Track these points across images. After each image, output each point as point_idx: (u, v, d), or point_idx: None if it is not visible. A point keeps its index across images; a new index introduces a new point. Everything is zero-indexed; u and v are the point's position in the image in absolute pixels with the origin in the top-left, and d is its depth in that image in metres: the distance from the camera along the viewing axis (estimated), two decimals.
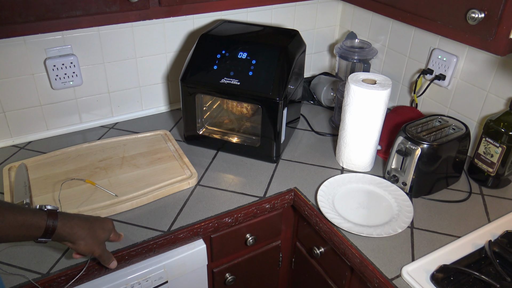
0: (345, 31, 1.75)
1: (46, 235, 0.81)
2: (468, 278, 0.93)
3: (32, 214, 0.79)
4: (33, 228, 0.79)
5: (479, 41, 0.95)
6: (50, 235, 0.81)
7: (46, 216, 0.80)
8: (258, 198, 1.18)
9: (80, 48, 1.34)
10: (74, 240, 0.86)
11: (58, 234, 0.82)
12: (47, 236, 0.81)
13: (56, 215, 0.82)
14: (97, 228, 0.90)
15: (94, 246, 0.89)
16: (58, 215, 0.82)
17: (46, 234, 0.81)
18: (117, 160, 1.28)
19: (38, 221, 0.79)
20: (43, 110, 1.37)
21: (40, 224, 0.79)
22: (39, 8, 0.98)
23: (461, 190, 1.23)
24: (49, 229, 0.80)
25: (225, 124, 1.46)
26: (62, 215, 0.84)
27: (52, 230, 0.81)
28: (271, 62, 1.23)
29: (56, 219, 0.81)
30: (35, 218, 0.79)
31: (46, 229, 0.80)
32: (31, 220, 0.78)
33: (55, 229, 0.81)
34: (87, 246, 0.87)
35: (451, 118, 1.25)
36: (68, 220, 0.84)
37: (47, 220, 0.80)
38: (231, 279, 1.28)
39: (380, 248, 1.02)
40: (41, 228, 0.79)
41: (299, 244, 1.35)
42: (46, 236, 0.81)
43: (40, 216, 0.80)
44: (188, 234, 1.08)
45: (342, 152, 1.29)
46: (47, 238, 0.81)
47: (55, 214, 0.82)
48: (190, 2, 1.18)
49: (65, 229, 0.83)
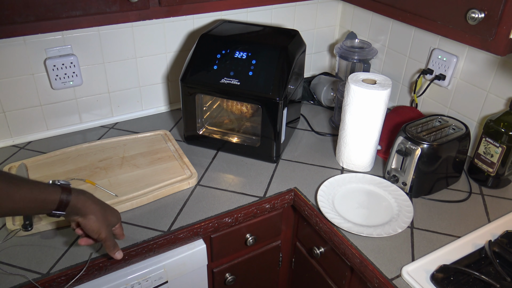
0: (345, 31, 1.76)
1: (59, 208, 0.82)
2: (468, 278, 0.93)
3: (46, 188, 0.81)
4: (48, 202, 0.80)
5: (479, 41, 0.95)
6: (64, 208, 0.83)
7: (60, 190, 0.82)
8: (258, 198, 1.18)
9: (80, 48, 1.34)
10: (86, 214, 0.86)
11: (71, 206, 0.84)
12: (60, 209, 0.82)
13: (70, 189, 0.84)
14: (108, 211, 0.92)
15: (103, 226, 0.89)
16: (72, 189, 0.85)
17: (59, 208, 0.82)
18: (117, 160, 1.28)
19: (52, 194, 0.81)
20: (43, 110, 1.37)
21: (54, 197, 0.81)
22: (39, 8, 0.98)
23: (461, 190, 1.23)
24: (63, 203, 0.82)
25: (225, 124, 1.46)
26: (75, 190, 0.86)
27: (66, 204, 0.82)
28: (271, 62, 1.23)
29: (70, 194, 0.83)
30: (49, 192, 0.80)
31: (60, 202, 0.82)
32: (45, 194, 0.80)
33: (69, 202, 0.83)
34: (97, 222, 0.88)
35: (451, 118, 1.25)
36: (81, 194, 0.86)
37: (61, 194, 0.82)
38: (231, 279, 1.28)
39: (380, 248, 1.02)
40: (55, 202, 0.81)
41: (299, 244, 1.35)
42: (60, 209, 0.82)
43: (54, 190, 0.81)
44: (188, 234, 1.08)
45: (342, 152, 1.29)
46: (61, 211, 0.83)
47: (68, 189, 0.84)
48: (190, 2, 1.18)
49: (78, 202, 0.84)
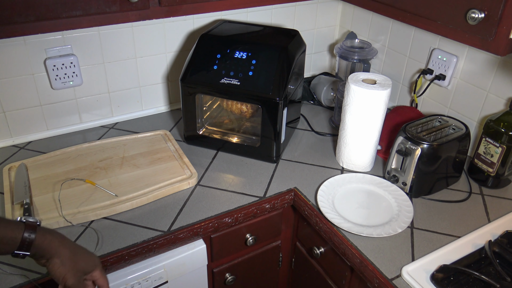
0: (345, 31, 1.75)
1: (22, 248, 0.74)
2: (468, 278, 0.93)
3: (6, 225, 0.73)
4: (8, 240, 0.73)
5: (479, 41, 0.95)
6: (27, 248, 0.74)
7: (23, 227, 0.74)
8: (258, 198, 1.18)
9: (80, 48, 1.34)
10: (51, 256, 0.78)
11: (36, 247, 0.75)
12: (23, 249, 0.74)
13: (35, 227, 0.76)
14: (80, 255, 0.82)
15: (69, 272, 0.79)
16: (37, 227, 0.76)
17: (22, 247, 0.74)
18: (117, 160, 1.28)
19: (14, 232, 0.73)
20: (43, 110, 1.37)
21: (16, 235, 0.73)
22: (39, 8, 0.98)
23: (461, 190, 1.23)
24: (26, 242, 0.74)
25: (225, 124, 1.46)
26: (42, 229, 0.77)
27: (29, 243, 0.74)
28: (271, 62, 1.23)
29: (34, 231, 0.75)
30: (10, 229, 0.73)
31: (22, 241, 0.74)
32: (5, 232, 0.72)
33: (33, 241, 0.74)
34: (62, 267, 0.78)
35: (451, 118, 1.25)
36: (48, 233, 0.78)
37: (24, 231, 0.74)
38: (231, 279, 1.28)
39: (380, 248, 1.02)
40: (17, 240, 0.73)
41: (299, 244, 1.35)
42: (22, 249, 0.74)
43: (16, 228, 0.74)
44: (188, 234, 1.08)
45: (342, 152, 1.29)
46: (24, 251, 0.75)
47: (33, 226, 0.75)
48: (190, 2, 1.18)
49: (44, 242, 0.76)
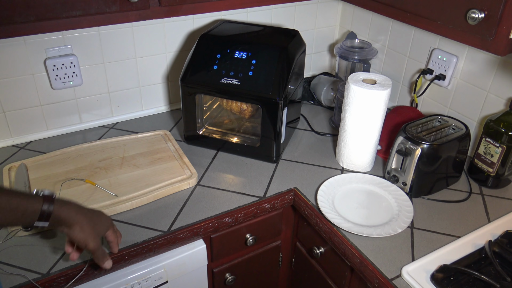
0: (345, 31, 1.76)
1: (41, 219, 0.79)
2: (468, 278, 0.93)
3: (27, 198, 0.78)
4: (29, 212, 0.77)
5: (479, 41, 0.95)
6: (46, 218, 0.79)
7: (41, 200, 0.79)
8: (258, 198, 1.18)
9: (80, 48, 1.34)
10: (71, 224, 0.83)
11: (55, 217, 0.80)
12: (43, 220, 0.79)
13: (52, 199, 0.80)
14: (96, 219, 0.88)
15: (90, 236, 0.85)
16: (54, 199, 0.81)
17: (41, 218, 0.79)
18: (117, 160, 1.28)
19: (33, 205, 0.78)
20: (43, 110, 1.37)
21: (36, 207, 0.78)
22: (39, 8, 0.98)
23: (461, 190, 1.23)
24: (45, 213, 0.79)
25: (225, 124, 1.46)
26: (59, 200, 0.82)
27: (48, 214, 0.79)
28: (271, 62, 1.23)
29: (52, 203, 0.80)
30: (30, 202, 0.77)
31: (41, 213, 0.78)
32: (26, 204, 0.77)
33: (51, 213, 0.79)
34: (83, 232, 0.84)
35: (451, 118, 1.25)
36: (65, 204, 0.83)
37: (43, 204, 0.78)
38: (231, 279, 1.28)
39: (380, 248, 1.02)
40: (36, 212, 0.78)
41: (299, 244, 1.35)
42: (42, 220, 0.79)
43: (35, 200, 0.78)
44: (188, 234, 1.08)
45: (342, 152, 1.29)
46: (44, 221, 0.79)
47: (51, 198, 0.80)
48: (190, 2, 1.18)
49: (62, 212, 0.81)
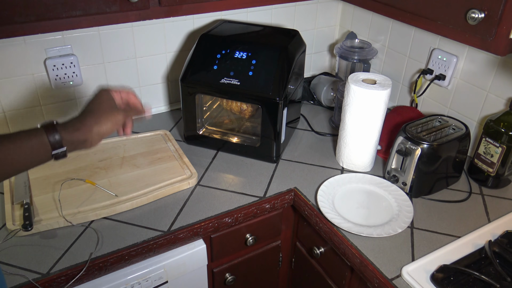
0: (345, 31, 1.76)
1: (56, 148, 0.76)
2: (468, 278, 0.93)
3: (28, 136, 0.74)
4: (39, 148, 0.74)
5: (479, 41, 0.95)
6: (60, 146, 0.76)
7: (44, 132, 0.75)
8: (258, 198, 1.18)
9: (80, 48, 1.34)
10: (90, 133, 0.80)
11: (68, 141, 0.77)
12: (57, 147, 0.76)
13: (54, 126, 0.76)
14: (94, 105, 0.84)
15: (110, 118, 0.83)
16: (56, 126, 0.77)
17: (55, 147, 0.75)
18: (117, 160, 1.28)
19: (39, 140, 0.74)
20: (43, 110, 1.37)
21: (43, 141, 0.74)
22: (39, 8, 0.98)
23: (461, 190, 1.23)
24: (55, 142, 0.75)
25: (225, 124, 1.46)
26: (60, 124, 0.78)
27: (59, 143, 0.76)
28: (271, 62, 1.23)
29: (56, 131, 0.76)
30: (34, 138, 0.74)
31: (51, 144, 0.75)
32: (31, 141, 0.74)
33: (61, 140, 0.76)
34: (104, 123, 0.82)
35: (451, 118, 1.25)
36: (66, 124, 0.79)
37: (47, 135, 0.75)
38: (231, 279, 1.28)
39: (380, 248, 1.02)
40: (46, 145, 0.75)
41: (299, 244, 1.35)
42: (57, 148, 0.76)
43: (38, 134, 0.74)
44: (188, 234, 1.08)
45: (342, 152, 1.29)
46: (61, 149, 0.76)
47: (52, 126, 0.76)
48: (190, 2, 1.18)
49: (71, 134, 0.78)
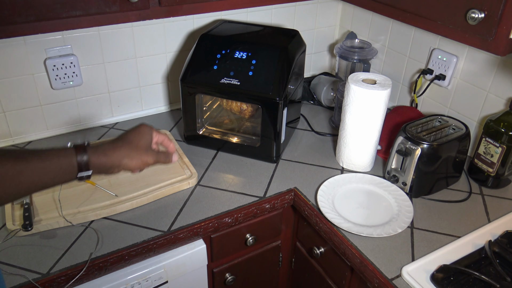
0: (345, 31, 1.75)
1: (82, 170, 0.77)
2: (468, 278, 0.93)
3: (57, 154, 0.75)
4: (65, 167, 0.75)
5: (479, 41, 0.95)
6: (86, 168, 0.77)
7: (74, 152, 0.76)
8: (258, 198, 1.18)
9: (80, 48, 1.34)
10: (118, 163, 0.81)
11: (95, 165, 0.78)
12: (84, 170, 0.77)
13: (85, 148, 0.78)
14: (134, 138, 0.85)
15: (143, 156, 0.84)
16: (87, 148, 0.78)
17: (81, 169, 0.77)
18: None
19: (66, 158, 0.75)
20: (43, 110, 1.37)
21: (70, 161, 0.76)
22: (39, 8, 0.98)
23: (461, 190, 1.23)
24: (82, 164, 0.77)
25: (225, 124, 1.46)
26: (92, 147, 0.79)
27: (86, 164, 0.77)
28: (271, 62, 1.23)
29: (85, 153, 0.77)
30: (63, 157, 0.75)
31: (78, 165, 0.76)
32: (58, 160, 0.75)
33: (88, 162, 0.77)
34: (135, 159, 0.83)
35: (451, 118, 1.25)
36: (98, 148, 0.80)
37: (77, 156, 0.76)
38: (231, 279, 1.28)
39: (380, 248, 1.02)
40: (73, 165, 0.76)
41: (299, 244, 1.35)
42: (83, 171, 0.77)
43: (67, 153, 0.76)
44: (188, 234, 1.08)
45: (342, 152, 1.29)
46: (86, 171, 0.77)
47: (83, 148, 0.78)
48: (190, 2, 1.18)
49: (99, 158, 0.79)
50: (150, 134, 0.88)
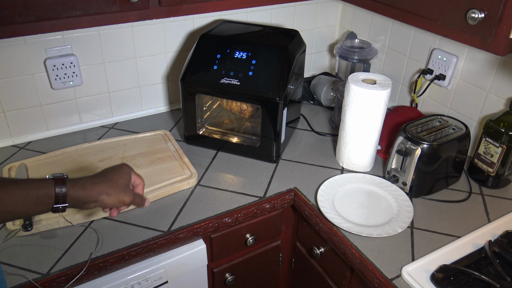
0: (345, 31, 1.76)
1: (59, 202, 0.78)
2: (468, 278, 0.93)
3: (36, 183, 0.76)
4: (42, 198, 0.76)
5: (479, 41, 0.95)
6: (63, 200, 0.78)
7: (52, 183, 0.77)
8: (258, 198, 1.18)
9: (80, 48, 1.34)
10: (95, 198, 0.82)
11: (72, 198, 0.79)
12: (60, 202, 0.78)
13: (64, 180, 0.79)
14: (113, 176, 0.86)
15: (120, 195, 0.85)
16: (66, 180, 0.79)
17: (58, 201, 0.78)
18: (117, 160, 1.28)
19: (45, 189, 0.76)
20: (43, 110, 1.37)
21: (48, 192, 0.76)
22: (39, 8, 0.98)
23: (461, 190, 1.23)
24: (60, 196, 0.77)
25: (225, 124, 1.46)
26: (70, 180, 0.80)
27: (63, 196, 0.78)
28: (271, 62, 1.23)
29: (64, 184, 0.78)
30: (41, 187, 0.76)
31: (56, 196, 0.77)
32: (37, 190, 0.76)
33: (66, 194, 0.78)
34: (112, 197, 0.84)
35: (451, 118, 1.25)
36: (77, 182, 0.81)
37: (55, 187, 0.77)
38: (231, 279, 1.28)
39: (380, 248, 1.02)
40: (51, 196, 0.77)
41: (299, 244, 1.35)
42: (59, 203, 0.78)
43: (46, 185, 0.77)
44: (188, 234, 1.08)
45: (342, 152, 1.29)
46: (61, 204, 0.78)
47: (62, 180, 0.79)
48: (190, 2, 1.18)
49: (77, 191, 0.80)
50: (130, 175, 0.89)
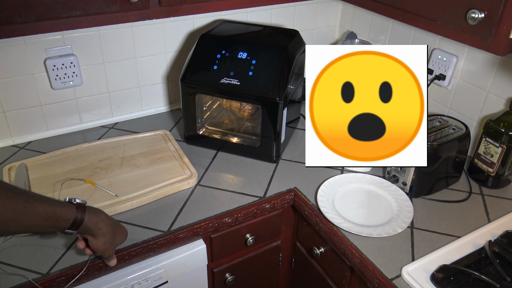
0: (345, 31, 1.75)
1: (73, 227, 0.83)
2: (468, 278, 0.93)
3: (61, 206, 0.81)
4: (61, 220, 0.81)
5: (479, 41, 0.95)
6: (77, 227, 0.83)
7: (75, 209, 0.83)
8: (258, 198, 1.18)
9: (80, 48, 1.34)
10: (97, 235, 0.88)
11: (84, 227, 0.84)
12: (73, 228, 0.83)
13: (85, 208, 0.84)
14: (118, 231, 0.94)
15: (110, 248, 0.91)
16: (86, 209, 0.85)
17: (73, 226, 0.83)
18: (117, 160, 1.28)
19: (67, 213, 0.81)
20: (43, 110, 1.37)
21: (69, 216, 0.82)
22: (39, 8, 0.98)
23: (461, 190, 1.23)
24: (77, 222, 0.83)
25: (225, 124, 1.46)
26: (90, 209, 0.86)
27: (79, 223, 0.83)
28: (271, 62, 1.23)
29: (84, 213, 0.84)
30: (64, 210, 0.81)
31: (74, 221, 0.82)
32: (60, 212, 0.80)
33: (83, 221, 0.83)
34: (105, 244, 0.90)
35: (451, 118, 1.25)
36: (95, 214, 0.87)
37: (76, 213, 0.82)
38: (231, 279, 1.28)
39: (380, 248, 1.02)
40: (69, 220, 0.82)
41: (299, 244, 1.35)
42: (72, 228, 0.83)
43: (69, 209, 0.82)
44: (188, 234, 1.08)
45: None
46: (73, 229, 0.84)
47: (83, 207, 0.84)
48: (190, 2, 1.18)
49: (91, 223, 0.85)
50: (123, 240, 0.97)
